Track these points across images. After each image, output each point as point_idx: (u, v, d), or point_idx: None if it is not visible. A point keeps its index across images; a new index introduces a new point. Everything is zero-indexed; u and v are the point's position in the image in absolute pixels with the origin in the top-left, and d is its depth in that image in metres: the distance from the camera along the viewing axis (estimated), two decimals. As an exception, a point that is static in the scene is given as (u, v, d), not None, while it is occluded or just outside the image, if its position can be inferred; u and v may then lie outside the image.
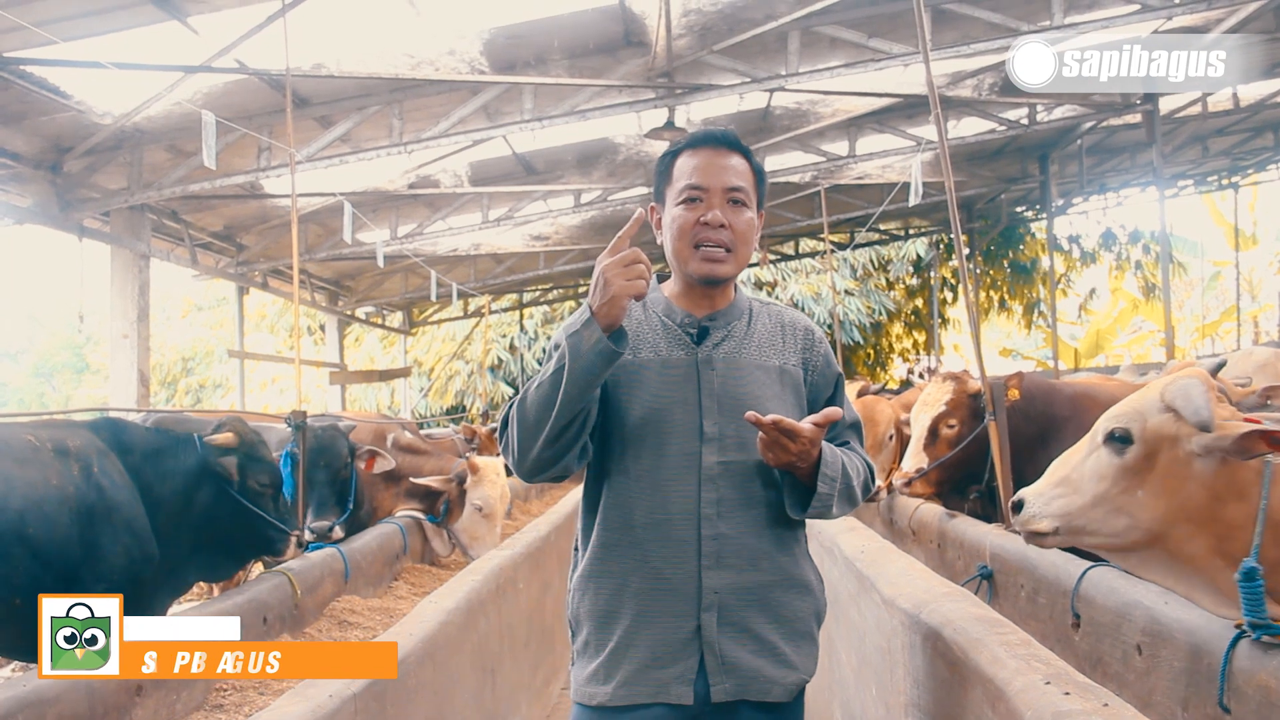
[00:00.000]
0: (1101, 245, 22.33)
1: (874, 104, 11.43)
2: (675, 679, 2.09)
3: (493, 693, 4.13)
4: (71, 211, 9.23)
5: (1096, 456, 2.42)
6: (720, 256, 2.17)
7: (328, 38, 7.89)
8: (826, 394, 2.30)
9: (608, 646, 2.13)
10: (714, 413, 2.14)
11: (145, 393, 10.05)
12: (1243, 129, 15.40)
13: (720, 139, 2.24)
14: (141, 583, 3.73)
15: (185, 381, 26.01)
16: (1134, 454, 2.34)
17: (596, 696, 2.13)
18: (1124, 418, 2.38)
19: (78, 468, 3.66)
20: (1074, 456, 2.51)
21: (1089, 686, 1.85)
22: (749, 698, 2.10)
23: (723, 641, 2.10)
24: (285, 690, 2.64)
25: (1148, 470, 2.32)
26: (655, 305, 2.27)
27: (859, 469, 2.22)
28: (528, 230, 14.89)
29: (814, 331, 2.34)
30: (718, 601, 2.10)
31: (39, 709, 2.57)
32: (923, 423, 5.22)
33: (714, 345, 2.20)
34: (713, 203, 2.17)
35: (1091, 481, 2.40)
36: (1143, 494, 2.32)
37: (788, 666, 2.14)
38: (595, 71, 9.16)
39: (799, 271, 22.24)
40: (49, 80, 7.58)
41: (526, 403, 2.06)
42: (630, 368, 2.17)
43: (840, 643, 3.69)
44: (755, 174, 2.26)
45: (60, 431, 3.85)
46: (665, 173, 2.27)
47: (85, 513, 3.60)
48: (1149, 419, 2.35)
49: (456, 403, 22.01)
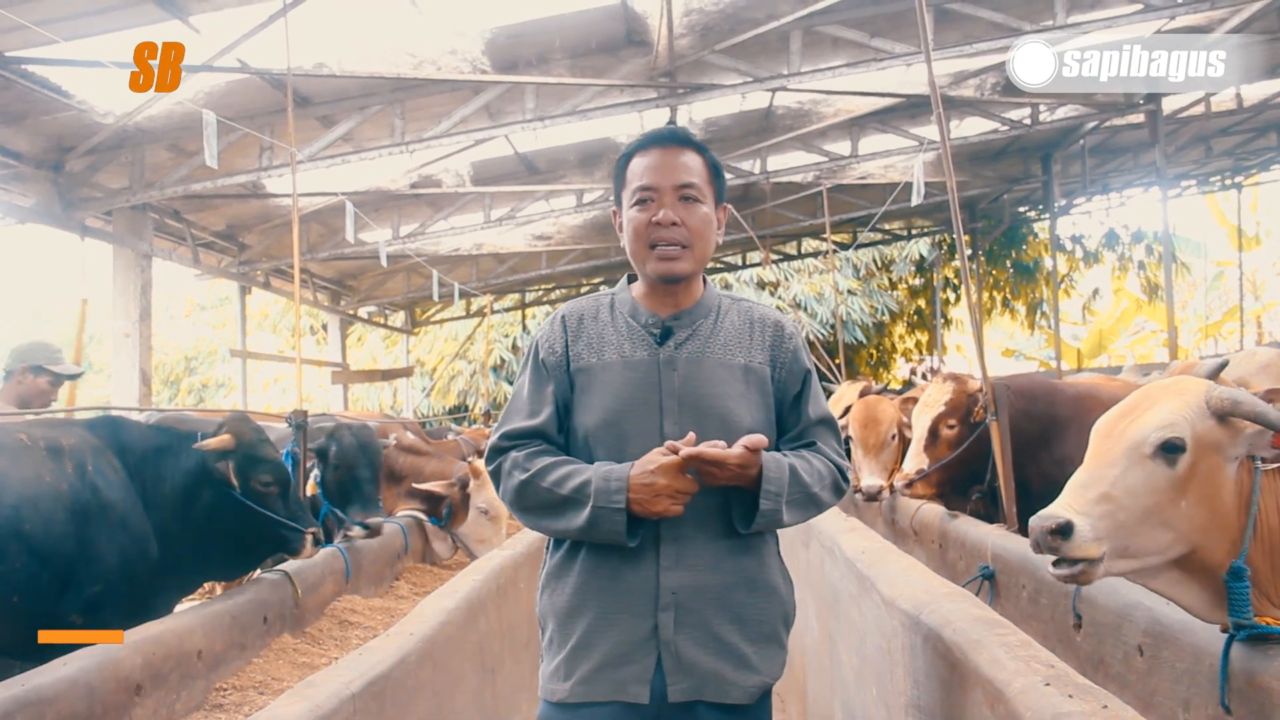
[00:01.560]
0: (1104, 245, 22.34)
1: (876, 104, 11.41)
2: (632, 678, 2.11)
3: (493, 693, 4.13)
4: (73, 211, 9.23)
5: (1144, 469, 2.25)
6: (675, 254, 2.19)
7: (329, 37, 7.89)
8: (794, 391, 2.29)
9: (569, 644, 2.16)
10: (674, 413, 2.16)
11: (147, 392, 10.05)
12: (1246, 129, 15.37)
13: (669, 137, 2.27)
14: (138, 582, 3.69)
15: (188, 381, 26.02)
16: (1185, 464, 2.24)
17: (557, 693, 2.16)
18: (1173, 427, 2.26)
19: (71, 466, 3.61)
20: (1107, 470, 2.27)
21: (1089, 688, 1.84)
22: (707, 698, 2.11)
23: (680, 641, 2.11)
24: (285, 690, 2.64)
25: (1191, 479, 2.24)
26: (622, 306, 2.30)
27: (820, 472, 2.20)
28: (530, 230, 14.89)
29: (784, 327, 2.32)
30: (675, 602, 2.12)
31: (38, 708, 2.56)
32: (923, 424, 5.21)
33: (677, 345, 2.21)
34: (664, 202, 2.19)
35: (1142, 496, 2.22)
36: (1185, 505, 2.24)
37: (749, 669, 2.15)
38: (597, 71, 9.16)
39: (802, 271, 22.23)
40: (51, 80, 7.58)
41: (535, 492, 2.15)
42: (595, 370, 2.21)
43: (841, 643, 3.69)
44: (710, 169, 2.28)
45: (54, 430, 3.79)
46: (620, 176, 2.29)
47: (80, 511, 3.55)
48: (1197, 426, 2.26)
49: (459, 402, 22.00)
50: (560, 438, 2.24)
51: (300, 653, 3.96)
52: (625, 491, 2.03)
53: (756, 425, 2.19)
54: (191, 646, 3.33)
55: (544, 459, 2.16)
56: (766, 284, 21.51)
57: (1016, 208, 18.65)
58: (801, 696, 4.89)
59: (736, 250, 19.81)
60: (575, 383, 2.22)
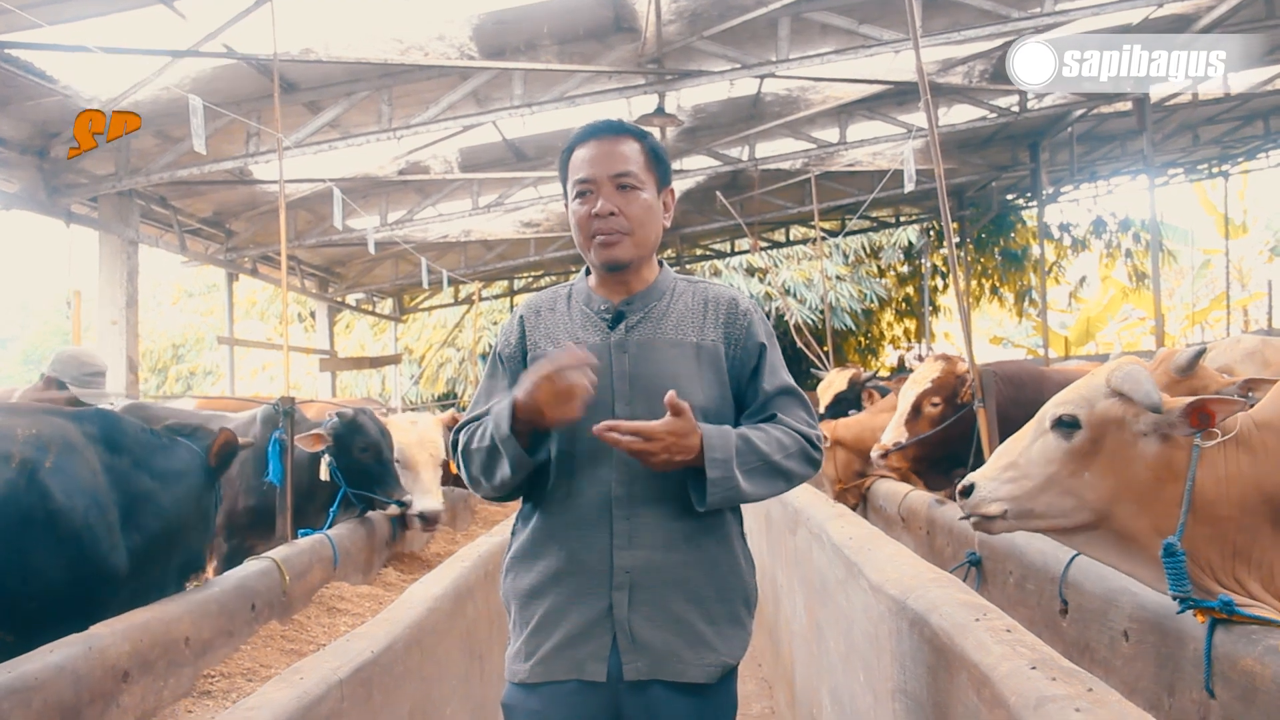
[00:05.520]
0: (1092, 233, 22.36)
1: (865, 90, 11.41)
2: (589, 656, 2.13)
3: (481, 678, 4.14)
4: (59, 197, 9.19)
5: (1044, 441, 2.51)
6: (615, 240, 2.21)
7: (316, 22, 7.85)
8: (751, 365, 2.28)
9: (530, 625, 2.19)
10: (626, 395, 2.17)
11: (134, 379, 10.01)
12: (1233, 117, 15.42)
13: (605, 128, 2.29)
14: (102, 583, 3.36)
15: (176, 368, 25.97)
16: (1081, 438, 2.44)
17: (519, 674, 2.18)
18: (1071, 404, 2.49)
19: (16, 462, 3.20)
20: (1019, 442, 2.59)
21: (1074, 671, 1.85)
22: (663, 677, 2.12)
23: (634, 620, 2.12)
24: (273, 677, 2.64)
25: (1094, 453, 2.43)
26: (578, 296, 2.34)
27: (781, 441, 2.18)
28: (518, 217, 14.88)
29: (739, 303, 2.32)
30: (630, 581, 2.13)
31: (25, 695, 2.56)
32: (908, 398, 5.26)
33: (628, 329, 2.23)
34: (601, 192, 2.22)
35: (1040, 465, 2.49)
36: (1089, 476, 2.42)
37: (706, 648, 2.15)
38: (585, 57, 9.14)
39: (791, 258, 22.24)
40: (35, 64, 7.53)
41: (470, 457, 2.20)
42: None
43: (828, 629, 3.70)
44: (649, 154, 2.29)
45: (12, 418, 3.37)
46: (564, 170, 2.32)
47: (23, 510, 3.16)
48: (1096, 404, 2.45)
49: (448, 390, 21.97)
50: None
51: (288, 640, 3.96)
52: (509, 417, 2.07)
53: (710, 403, 2.19)
54: (179, 633, 3.32)
55: (472, 425, 2.23)
56: (756, 270, 21.51)
57: (1004, 195, 18.68)
58: (789, 683, 4.91)
59: (725, 237, 19.82)
60: (530, 367, 2.24)
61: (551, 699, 2.14)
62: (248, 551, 5.15)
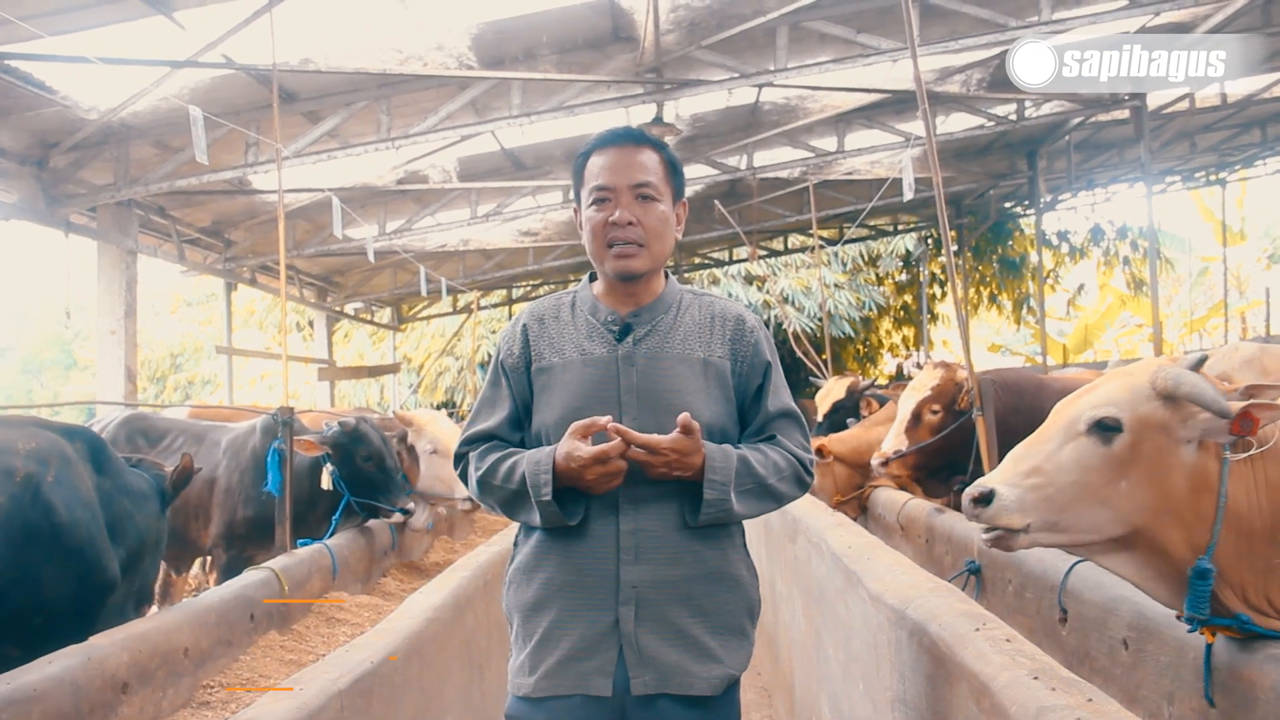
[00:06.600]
0: (1090, 241, 22.40)
1: (863, 99, 11.42)
2: (595, 671, 2.13)
3: (481, 689, 4.13)
4: (58, 207, 9.18)
5: (1077, 445, 2.28)
6: (631, 252, 2.21)
7: (315, 33, 7.86)
8: (756, 383, 2.29)
9: (534, 639, 2.19)
10: (633, 408, 2.17)
11: (133, 389, 10.01)
12: (1230, 125, 15.44)
13: (625, 136, 2.29)
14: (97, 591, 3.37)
15: (174, 378, 25.92)
16: (1122, 443, 2.24)
17: (523, 687, 2.18)
18: (1111, 405, 2.28)
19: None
20: (1040, 446, 2.34)
21: (1074, 681, 1.85)
22: (670, 691, 2.12)
23: (641, 635, 2.12)
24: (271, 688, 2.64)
25: (1133, 460, 2.24)
26: (583, 305, 2.32)
27: (777, 464, 2.21)
28: (517, 226, 14.88)
29: (745, 321, 2.33)
30: (636, 595, 2.13)
31: (24, 706, 2.56)
32: (908, 406, 5.26)
33: (635, 341, 2.23)
34: (620, 201, 2.22)
35: (1072, 472, 2.25)
36: (1126, 485, 2.24)
37: (712, 660, 2.16)
38: (583, 67, 9.15)
39: (789, 266, 22.24)
40: (34, 75, 7.53)
41: (490, 490, 2.22)
42: (555, 368, 2.24)
43: (828, 638, 3.70)
44: (667, 166, 2.29)
45: (9, 432, 3.35)
46: (579, 175, 2.31)
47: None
48: (1139, 407, 2.27)
49: (446, 399, 21.94)
50: (515, 437, 2.29)
51: (287, 650, 3.96)
52: (551, 484, 2.09)
53: (715, 419, 2.21)
54: (178, 644, 3.32)
55: (492, 455, 2.23)
56: (754, 279, 21.51)
57: (1002, 203, 18.69)
58: (789, 692, 4.90)
59: (723, 246, 19.82)
60: (536, 382, 2.26)
61: (556, 713, 2.14)
62: (247, 561, 5.14)
